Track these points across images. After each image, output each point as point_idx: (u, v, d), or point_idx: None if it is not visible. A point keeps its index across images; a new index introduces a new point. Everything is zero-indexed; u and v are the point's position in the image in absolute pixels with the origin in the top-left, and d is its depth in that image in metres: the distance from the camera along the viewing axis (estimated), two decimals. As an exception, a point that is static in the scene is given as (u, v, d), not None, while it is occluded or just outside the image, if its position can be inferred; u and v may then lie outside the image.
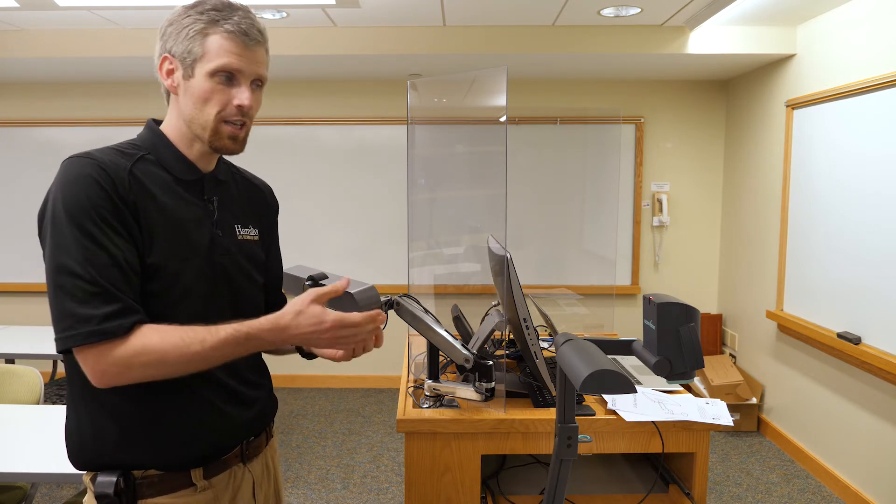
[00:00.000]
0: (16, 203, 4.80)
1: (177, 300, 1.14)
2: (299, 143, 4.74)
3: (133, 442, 1.14)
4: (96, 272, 1.04)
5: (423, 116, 2.40)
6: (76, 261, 1.03)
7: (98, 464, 1.15)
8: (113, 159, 1.11)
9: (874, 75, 2.94)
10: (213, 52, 1.13)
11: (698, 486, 1.63)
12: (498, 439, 1.60)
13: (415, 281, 2.17)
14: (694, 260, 4.80)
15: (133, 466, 1.14)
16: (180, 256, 1.14)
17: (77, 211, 1.05)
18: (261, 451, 1.34)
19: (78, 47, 3.77)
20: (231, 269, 1.23)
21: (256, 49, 1.16)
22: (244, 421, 1.26)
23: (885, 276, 2.86)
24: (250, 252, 1.29)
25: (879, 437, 2.98)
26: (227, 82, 1.14)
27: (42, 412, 2.22)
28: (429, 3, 3.27)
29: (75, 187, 1.06)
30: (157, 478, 1.15)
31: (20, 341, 3.39)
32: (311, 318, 1.11)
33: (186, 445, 1.17)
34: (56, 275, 1.04)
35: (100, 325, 1.03)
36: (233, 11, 1.15)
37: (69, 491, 3.16)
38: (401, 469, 3.54)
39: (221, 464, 1.23)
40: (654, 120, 4.70)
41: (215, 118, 1.15)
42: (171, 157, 1.19)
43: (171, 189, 1.17)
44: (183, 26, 1.14)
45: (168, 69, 1.17)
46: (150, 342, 1.05)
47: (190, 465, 1.18)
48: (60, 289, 1.04)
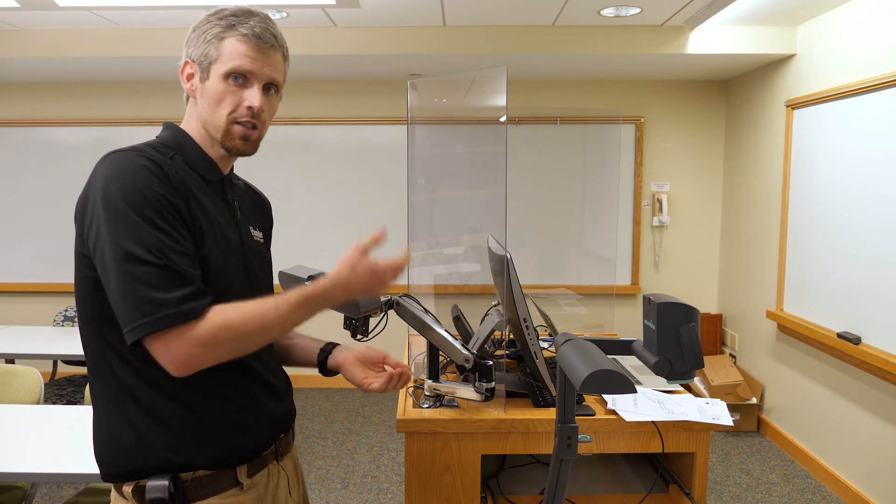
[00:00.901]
0: (16, 203, 4.80)
1: (221, 293, 1.14)
2: (299, 143, 4.74)
3: (183, 442, 1.13)
4: (165, 257, 1.04)
5: (423, 116, 2.40)
6: (144, 247, 1.03)
7: (145, 470, 1.13)
8: (156, 154, 1.13)
9: (874, 75, 2.94)
10: (227, 54, 1.16)
11: (698, 486, 1.63)
12: (498, 439, 1.60)
13: (415, 281, 2.17)
14: (694, 260, 4.80)
15: (182, 468, 1.13)
16: (222, 251, 1.17)
17: (138, 200, 1.05)
18: (290, 448, 1.35)
19: (78, 47, 3.77)
20: (256, 266, 1.28)
21: (271, 53, 1.19)
22: (280, 414, 1.28)
23: (885, 276, 2.86)
24: (263, 253, 1.35)
25: (879, 437, 2.98)
26: (239, 84, 1.17)
27: (42, 412, 2.22)
28: (429, 3, 3.27)
29: (132, 177, 1.06)
30: (206, 479, 1.15)
31: (20, 341, 3.39)
32: (365, 268, 1.16)
33: (233, 441, 1.17)
34: (124, 263, 1.03)
35: (179, 308, 1.03)
36: (250, 17, 1.18)
37: (69, 491, 3.17)
38: (401, 469, 3.54)
39: (261, 461, 1.23)
40: (654, 120, 4.70)
41: (227, 119, 1.17)
42: (197, 157, 1.21)
43: (202, 188, 1.19)
44: (203, 31, 1.18)
45: (188, 73, 1.20)
46: (229, 317, 1.07)
47: (235, 462, 1.18)
48: (131, 276, 1.03)
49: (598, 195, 4.69)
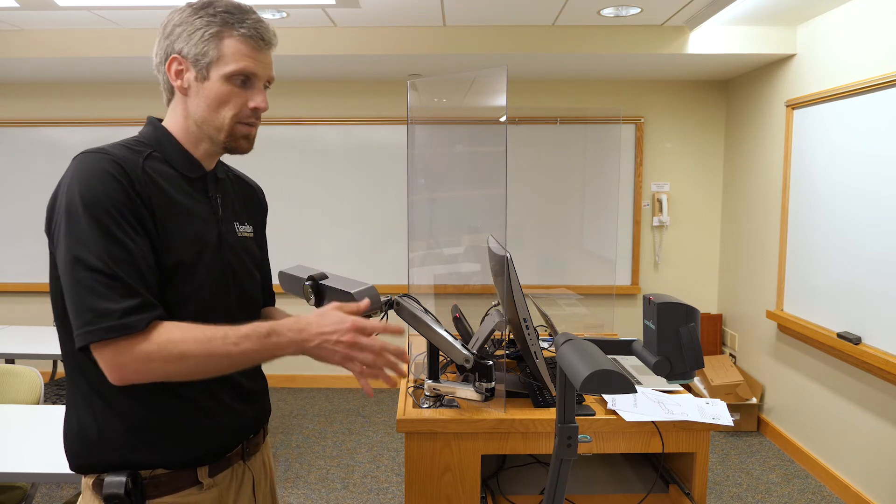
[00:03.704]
0: (16, 203, 4.80)
1: (189, 294, 1.14)
2: (299, 143, 4.74)
3: (142, 441, 1.13)
4: (115, 266, 1.03)
5: (423, 116, 2.40)
6: (95, 255, 1.03)
7: (104, 465, 1.14)
8: (126, 155, 1.12)
9: (874, 75, 2.94)
10: (230, 55, 1.15)
11: (698, 486, 1.63)
12: (498, 439, 1.60)
13: (415, 281, 2.17)
14: (694, 260, 4.80)
15: (141, 466, 1.13)
16: (194, 251, 1.15)
17: (95, 206, 1.04)
18: (259, 448, 1.35)
19: (78, 47, 3.77)
20: (236, 264, 1.25)
21: (267, 51, 1.20)
22: (248, 417, 1.27)
23: (885, 276, 2.86)
24: (249, 248, 1.32)
25: (879, 437, 2.98)
26: (242, 85, 1.17)
27: (42, 412, 2.22)
28: (429, 3, 3.27)
29: (92, 181, 1.06)
30: (165, 477, 1.15)
31: (20, 341, 3.39)
32: (333, 318, 1.12)
33: (195, 443, 1.17)
34: (74, 269, 1.03)
35: (120, 320, 1.02)
36: (245, 14, 1.17)
37: (69, 491, 3.16)
38: (401, 469, 3.54)
39: (224, 462, 1.23)
40: (654, 120, 4.70)
41: (231, 120, 1.17)
42: (176, 154, 1.19)
43: (179, 186, 1.18)
44: (195, 28, 1.15)
45: (177, 70, 1.17)
46: (172, 336, 1.04)
47: (197, 463, 1.18)
48: (78, 283, 1.03)
49: (598, 195, 4.69)
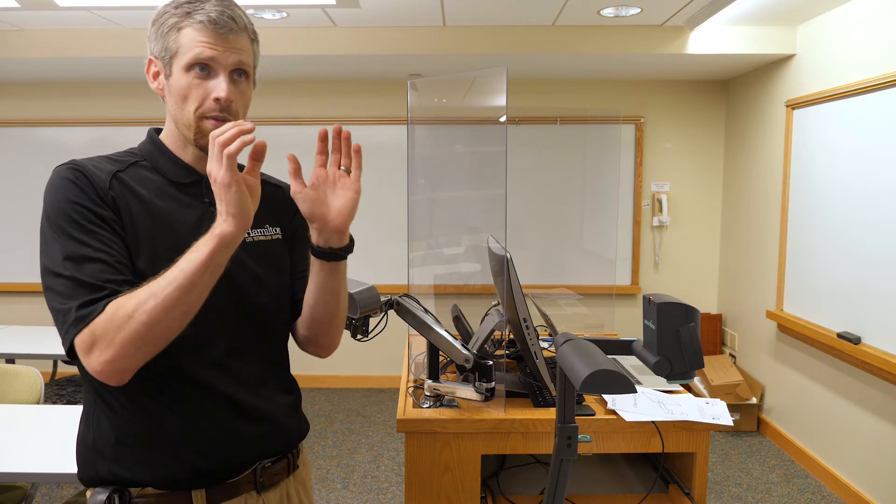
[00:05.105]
0: (16, 203, 4.80)
1: None
2: (299, 143, 4.74)
3: (127, 453, 1.08)
4: (74, 266, 1.01)
5: (423, 116, 2.40)
6: (58, 261, 1.02)
7: (98, 479, 1.09)
8: (97, 164, 1.10)
9: (874, 75, 2.94)
10: (186, 45, 1.07)
11: (698, 486, 1.63)
12: (498, 439, 1.60)
13: (415, 281, 2.17)
14: (694, 260, 4.79)
15: (129, 483, 1.09)
16: (169, 258, 1.02)
17: (54, 212, 1.04)
18: (280, 480, 1.22)
19: (78, 47, 3.77)
20: (233, 271, 1.11)
21: (232, 37, 1.08)
22: (251, 437, 1.16)
23: (885, 276, 2.86)
24: (260, 254, 1.21)
25: (879, 437, 2.98)
26: (203, 76, 1.08)
27: (42, 412, 2.22)
28: (429, 3, 3.27)
29: (56, 192, 1.05)
30: (155, 498, 1.09)
31: (20, 341, 3.39)
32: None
33: (182, 459, 1.10)
34: (44, 279, 1.03)
35: (78, 312, 0.99)
36: (205, 2, 1.08)
37: (69, 491, 3.16)
38: (401, 469, 3.54)
39: (230, 488, 1.14)
40: (654, 120, 4.69)
41: (195, 115, 1.09)
42: (164, 160, 1.16)
43: (164, 192, 1.13)
44: (161, 24, 1.11)
45: (154, 72, 1.13)
46: (118, 303, 0.98)
47: (190, 484, 1.10)
48: (48, 290, 1.03)
49: (598, 195, 4.69)
